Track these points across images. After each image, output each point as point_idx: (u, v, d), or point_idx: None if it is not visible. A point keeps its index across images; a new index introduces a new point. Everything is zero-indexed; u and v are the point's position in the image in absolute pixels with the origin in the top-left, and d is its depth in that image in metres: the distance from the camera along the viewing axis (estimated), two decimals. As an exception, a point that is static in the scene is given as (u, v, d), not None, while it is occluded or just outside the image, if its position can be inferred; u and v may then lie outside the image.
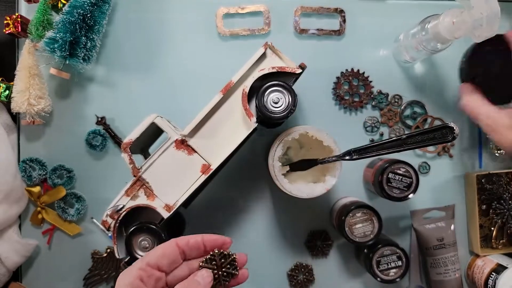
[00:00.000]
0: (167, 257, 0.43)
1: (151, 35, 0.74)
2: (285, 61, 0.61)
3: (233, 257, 0.46)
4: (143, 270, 0.42)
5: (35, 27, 0.67)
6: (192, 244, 0.44)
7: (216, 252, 0.45)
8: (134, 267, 0.42)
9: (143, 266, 0.42)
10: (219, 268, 0.45)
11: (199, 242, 0.45)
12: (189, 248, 0.45)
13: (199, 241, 0.45)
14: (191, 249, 0.45)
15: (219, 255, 0.45)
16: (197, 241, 0.45)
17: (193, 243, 0.45)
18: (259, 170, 0.74)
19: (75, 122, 0.73)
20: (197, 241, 0.45)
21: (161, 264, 0.43)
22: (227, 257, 0.46)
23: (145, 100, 0.74)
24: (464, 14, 0.56)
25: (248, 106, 0.59)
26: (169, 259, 0.43)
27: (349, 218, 0.67)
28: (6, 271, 0.69)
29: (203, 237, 0.45)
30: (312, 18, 0.75)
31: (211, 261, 0.45)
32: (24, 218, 0.74)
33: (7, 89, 0.69)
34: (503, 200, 0.74)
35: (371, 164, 0.73)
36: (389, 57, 0.75)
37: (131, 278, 0.41)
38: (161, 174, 0.61)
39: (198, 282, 0.43)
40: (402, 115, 0.75)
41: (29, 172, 0.71)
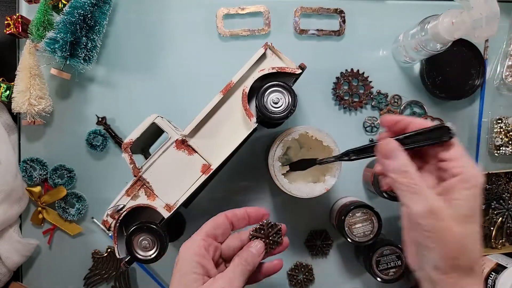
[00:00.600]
0: (220, 227, 0.49)
1: (152, 36, 0.74)
2: (285, 62, 0.61)
3: (279, 227, 0.51)
4: (204, 240, 0.47)
5: (35, 28, 0.67)
6: (239, 215, 0.51)
7: (265, 222, 0.51)
8: (197, 237, 0.47)
9: (203, 236, 0.47)
10: (267, 237, 0.51)
11: (244, 213, 0.51)
12: (237, 219, 0.51)
13: (244, 212, 0.51)
14: (239, 219, 0.51)
15: (268, 225, 0.51)
16: (242, 212, 0.51)
17: (240, 214, 0.51)
18: (259, 170, 0.75)
19: (75, 122, 0.74)
20: (242, 213, 0.51)
21: (216, 233, 0.49)
22: (274, 227, 0.51)
23: (146, 100, 0.74)
24: (464, 14, 0.56)
25: (248, 106, 0.59)
26: (222, 229, 0.49)
27: (349, 218, 0.67)
28: (7, 271, 0.70)
29: (246, 209, 0.52)
30: (312, 18, 0.75)
31: (260, 230, 0.51)
32: (24, 218, 0.74)
33: (8, 89, 0.69)
34: (503, 200, 0.74)
35: (370, 164, 0.73)
36: (389, 58, 0.76)
37: (196, 248, 0.46)
38: (161, 174, 0.61)
39: (252, 253, 0.49)
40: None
41: (30, 172, 0.71)
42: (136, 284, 0.76)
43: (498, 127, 0.74)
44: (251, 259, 0.49)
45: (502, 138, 0.74)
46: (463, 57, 0.73)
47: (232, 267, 0.48)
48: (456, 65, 0.73)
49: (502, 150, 0.74)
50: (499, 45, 0.76)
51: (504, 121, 0.74)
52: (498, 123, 0.74)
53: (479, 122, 0.76)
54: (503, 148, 0.74)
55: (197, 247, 0.46)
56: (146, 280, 0.75)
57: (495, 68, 0.76)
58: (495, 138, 0.74)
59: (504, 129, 0.74)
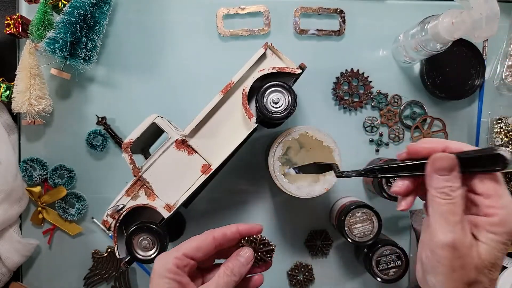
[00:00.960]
0: (203, 250, 0.45)
1: (152, 36, 0.74)
2: (285, 62, 0.61)
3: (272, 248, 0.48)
4: (179, 259, 0.44)
5: (35, 28, 0.67)
6: (229, 236, 0.46)
7: (259, 237, 0.47)
8: (171, 255, 0.44)
9: (180, 255, 0.44)
10: (256, 251, 0.47)
11: (235, 233, 0.46)
12: (226, 240, 0.46)
13: (235, 232, 0.46)
14: (229, 240, 0.46)
15: (261, 240, 0.47)
16: (233, 232, 0.46)
17: (230, 235, 0.46)
18: (259, 170, 0.75)
19: (75, 122, 0.74)
20: (233, 233, 0.46)
21: (195, 256, 0.45)
22: (267, 245, 0.48)
23: (146, 100, 0.74)
24: (464, 14, 0.56)
25: (248, 106, 0.59)
26: (204, 251, 0.45)
27: (349, 218, 0.67)
28: (7, 271, 0.70)
29: (238, 228, 0.47)
30: (312, 18, 0.75)
31: (252, 243, 0.47)
32: (24, 218, 0.74)
33: (8, 89, 0.69)
34: (503, 200, 0.74)
35: (371, 164, 0.73)
36: (389, 58, 0.76)
37: (169, 265, 0.43)
38: (161, 174, 0.61)
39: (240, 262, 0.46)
40: (401, 115, 0.75)
41: (30, 172, 0.71)
42: (136, 284, 0.76)
43: (498, 127, 0.74)
44: (238, 269, 0.45)
45: (502, 138, 0.74)
46: (463, 57, 0.73)
47: (217, 278, 0.44)
48: (456, 65, 0.73)
49: None
50: (499, 45, 0.76)
51: (504, 121, 0.74)
52: (498, 123, 0.74)
53: (478, 122, 0.76)
54: (503, 148, 0.74)
55: (170, 264, 0.44)
56: (146, 280, 0.75)
57: (495, 68, 0.76)
58: (495, 138, 0.74)
59: (504, 129, 0.74)
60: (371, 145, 0.76)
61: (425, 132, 0.75)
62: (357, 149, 0.75)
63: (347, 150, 0.74)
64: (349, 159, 0.75)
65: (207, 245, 0.45)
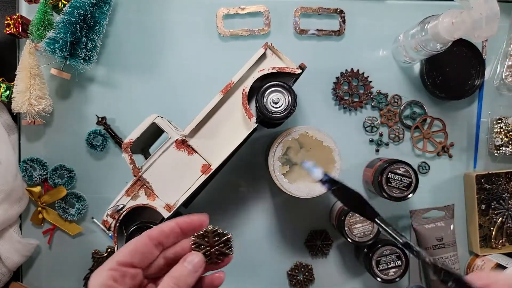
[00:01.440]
0: (140, 253, 0.39)
1: (152, 36, 0.74)
2: (285, 62, 0.61)
3: (228, 237, 0.42)
4: (114, 270, 0.38)
5: (35, 28, 0.67)
6: (167, 231, 0.41)
7: (209, 229, 0.42)
8: (105, 267, 0.38)
9: (114, 266, 0.38)
10: (212, 246, 0.42)
11: (174, 227, 0.41)
12: (165, 236, 0.41)
13: (174, 226, 0.41)
14: (168, 237, 0.41)
15: (213, 232, 0.42)
16: (171, 227, 0.41)
17: (167, 231, 0.41)
18: (259, 170, 0.75)
19: (75, 122, 0.74)
20: (171, 227, 0.41)
21: (133, 261, 0.39)
22: (221, 236, 0.42)
23: (146, 100, 0.74)
24: (464, 14, 0.56)
25: (248, 106, 0.59)
26: (142, 254, 0.40)
27: (349, 218, 0.67)
28: (7, 271, 0.70)
29: (177, 221, 0.41)
30: (312, 18, 0.75)
31: (204, 237, 0.42)
32: (24, 218, 0.74)
33: (8, 89, 0.69)
34: (503, 200, 0.74)
35: (370, 164, 0.74)
36: (389, 58, 0.76)
37: (103, 279, 0.38)
38: (161, 174, 0.61)
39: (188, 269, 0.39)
40: (401, 115, 0.75)
41: (30, 172, 0.71)
42: (136, 284, 0.76)
43: (498, 127, 0.74)
44: (184, 279, 0.39)
45: (502, 138, 0.74)
46: (463, 57, 0.74)
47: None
48: (456, 65, 0.73)
49: (502, 150, 0.74)
50: (499, 45, 0.76)
51: (504, 121, 0.74)
52: (498, 123, 0.74)
53: (478, 122, 0.76)
54: (503, 148, 0.74)
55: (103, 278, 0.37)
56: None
57: (495, 68, 0.76)
58: (495, 138, 0.74)
59: (504, 129, 0.74)
60: (371, 145, 0.76)
61: (425, 132, 0.75)
62: (357, 149, 0.75)
63: (347, 150, 0.74)
64: (349, 159, 0.75)
65: (144, 247, 0.40)
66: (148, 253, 0.40)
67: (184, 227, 0.41)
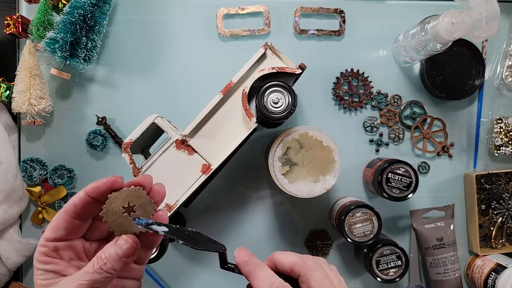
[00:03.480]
0: (63, 227, 0.40)
1: (152, 36, 0.74)
2: (285, 62, 0.61)
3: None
4: (44, 246, 0.40)
5: (35, 28, 0.67)
6: (79, 203, 0.39)
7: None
8: (38, 245, 0.40)
9: (43, 242, 0.40)
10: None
11: (83, 197, 0.39)
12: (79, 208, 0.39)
13: (82, 196, 0.39)
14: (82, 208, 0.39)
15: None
16: (80, 197, 0.39)
17: (78, 202, 0.39)
18: (259, 170, 0.75)
19: (75, 122, 0.74)
20: (80, 197, 0.39)
21: (59, 235, 0.40)
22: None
23: (146, 100, 0.74)
24: (464, 14, 0.56)
25: (248, 107, 0.59)
26: (65, 228, 0.40)
27: (349, 218, 0.67)
28: (7, 271, 0.70)
29: (85, 190, 0.39)
30: (312, 18, 0.75)
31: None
32: (24, 218, 0.74)
33: (8, 89, 0.69)
34: (502, 200, 0.74)
35: (370, 164, 0.74)
36: (389, 58, 0.76)
37: (37, 256, 0.40)
38: (161, 174, 0.61)
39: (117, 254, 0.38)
40: (401, 115, 0.75)
41: (30, 172, 0.71)
42: (136, 284, 0.76)
43: (498, 127, 0.74)
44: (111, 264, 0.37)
45: (502, 138, 0.74)
46: (463, 57, 0.74)
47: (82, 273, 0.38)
48: (456, 65, 0.74)
49: (502, 150, 0.74)
50: (499, 45, 0.76)
51: (504, 121, 0.74)
52: (498, 123, 0.74)
53: (478, 122, 0.76)
54: (503, 148, 0.74)
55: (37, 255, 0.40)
56: (146, 280, 0.75)
57: (495, 68, 0.76)
58: (495, 138, 0.74)
59: (504, 129, 0.74)
60: (371, 145, 0.76)
61: (425, 132, 0.75)
62: (357, 149, 0.75)
63: (347, 150, 0.74)
64: (349, 159, 0.75)
65: (63, 220, 0.39)
66: (70, 226, 0.40)
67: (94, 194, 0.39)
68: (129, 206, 0.38)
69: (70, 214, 0.39)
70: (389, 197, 0.67)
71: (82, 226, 0.41)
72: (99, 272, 0.37)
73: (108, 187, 0.39)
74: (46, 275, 0.39)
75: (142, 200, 0.38)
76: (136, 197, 0.38)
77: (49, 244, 0.40)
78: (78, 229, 0.41)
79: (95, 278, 0.37)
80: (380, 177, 0.67)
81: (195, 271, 0.75)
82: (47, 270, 0.39)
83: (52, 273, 0.39)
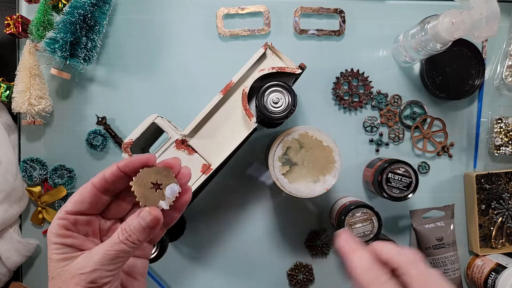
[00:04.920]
0: (87, 201, 0.40)
1: (152, 36, 0.74)
2: (285, 62, 0.61)
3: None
4: (63, 219, 0.39)
5: (35, 28, 0.67)
6: (108, 177, 0.40)
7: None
8: (55, 218, 0.40)
9: (62, 215, 0.39)
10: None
11: (115, 170, 0.40)
12: (108, 182, 0.40)
13: (114, 169, 0.40)
14: (112, 182, 0.40)
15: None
16: (112, 171, 0.40)
17: (109, 176, 0.40)
18: (259, 170, 0.75)
19: (75, 122, 0.74)
20: (112, 171, 0.40)
21: (81, 209, 0.40)
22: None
23: (146, 100, 0.74)
24: (464, 14, 0.56)
25: (248, 106, 0.59)
26: (90, 202, 0.40)
27: (349, 218, 0.67)
28: (7, 271, 0.70)
29: (118, 164, 0.40)
30: (312, 18, 0.75)
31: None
32: (24, 218, 0.74)
33: (8, 89, 0.69)
34: (503, 200, 0.74)
35: (370, 164, 0.74)
36: (389, 58, 0.76)
37: (54, 229, 0.39)
38: (161, 174, 0.61)
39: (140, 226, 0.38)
40: (401, 115, 0.75)
41: (30, 172, 0.71)
42: (136, 284, 0.76)
43: (498, 127, 0.74)
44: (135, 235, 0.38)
45: (502, 138, 0.74)
46: (463, 57, 0.74)
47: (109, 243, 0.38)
48: (456, 65, 0.74)
49: (502, 150, 0.74)
50: (499, 45, 0.76)
51: (504, 121, 0.74)
52: (498, 123, 0.74)
53: (478, 122, 0.76)
54: (503, 148, 0.74)
55: (55, 228, 0.39)
56: (146, 280, 0.75)
57: (495, 68, 0.76)
58: (495, 138, 0.74)
59: (504, 129, 0.74)
60: (371, 145, 0.76)
61: (425, 132, 0.75)
62: (357, 149, 0.75)
63: (347, 150, 0.74)
64: (349, 159, 0.75)
65: (89, 194, 0.40)
66: (95, 200, 0.40)
67: (126, 169, 0.40)
68: (157, 183, 0.39)
69: (98, 188, 0.40)
70: (389, 197, 0.67)
71: (105, 202, 0.41)
72: (125, 243, 0.38)
73: (142, 163, 0.40)
74: (63, 249, 0.39)
75: (170, 181, 0.40)
76: (164, 176, 0.40)
77: (70, 217, 0.39)
78: (101, 205, 0.41)
79: (121, 248, 0.38)
80: (380, 177, 0.67)
81: (195, 271, 0.75)
82: (65, 244, 0.39)
83: (70, 247, 0.39)
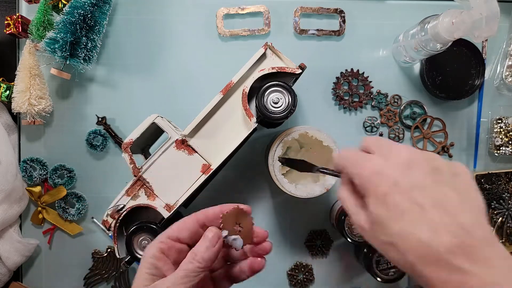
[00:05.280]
0: (187, 230, 0.45)
1: (152, 36, 0.74)
2: (285, 62, 0.61)
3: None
4: (163, 243, 0.44)
5: (35, 28, 0.67)
6: (211, 216, 0.45)
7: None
8: (156, 240, 0.44)
9: (163, 239, 0.44)
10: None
11: (217, 212, 0.45)
12: (208, 220, 0.45)
13: (217, 211, 0.45)
14: (211, 221, 0.45)
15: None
16: (215, 212, 0.45)
17: (211, 215, 0.45)
18: (259, 170, 0.75)
19: (75, 122, 0.74)
20: (215, 212, 0.45)
21: (180, 236, 0.44)
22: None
23: (146, 100, 0.74)
24: (464, 14, 0.56)
25: (248, 106, 0.60)
26: (189, 232, 0.45)
27: (349, 218, 0.67)
28: (7, 270, 0.70)
29: (222, 208, 0.46)
30: (312, 18, 0.75)
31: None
32: (24, 217, 0.74)
33: (8, 89, 0.69)
34: (503, 200, 0.74)
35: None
36: (389, 57, 0.76)
37: (153, 249, 0.43)
38: (161, 174, 0.61)
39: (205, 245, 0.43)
40: (401, 115, 0.75)
41: (30, 172, 0.71)
42: (136, 284, 0.76)
43: (498, 127, 0.74)
44: (201, 254, 0.42)
45: (502, 138, 0.74)
46: (463, 57, 0.74)
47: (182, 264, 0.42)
48: (456, 65, 0.74)
49: (502, 150, 0.74)
50: (499, 45, 0.76)
51: (504, 121, 0.74)
52: (498, 123, 0.74)
53: (478, 122, 0.76)
54: (503, 148, 0.74)
55: (154, 248, 0.43)
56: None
57: (495, 68, 0.76)
58: (495, 138, 0.74)
59: (504, 129, 0.74)
60: (371, 145, 0.76)
61: (425, 132, 0.75)
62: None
63: (347, 150, 0.74)
64: (349, 159, 0.75)
65: (191, 224, 0.45)
66: (193, 232, 0.45)
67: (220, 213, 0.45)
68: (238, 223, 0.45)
69: (199, 223, 0.45)
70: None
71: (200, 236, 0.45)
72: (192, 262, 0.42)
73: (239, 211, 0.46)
74: (152, 269, 0.43)
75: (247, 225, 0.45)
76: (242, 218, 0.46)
77: (169, 242, 0.44)
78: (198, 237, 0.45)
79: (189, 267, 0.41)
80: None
81: (195, 271, 0.75)
82: (156, 266, 0.43)
83: (157, 270, 0.43)
